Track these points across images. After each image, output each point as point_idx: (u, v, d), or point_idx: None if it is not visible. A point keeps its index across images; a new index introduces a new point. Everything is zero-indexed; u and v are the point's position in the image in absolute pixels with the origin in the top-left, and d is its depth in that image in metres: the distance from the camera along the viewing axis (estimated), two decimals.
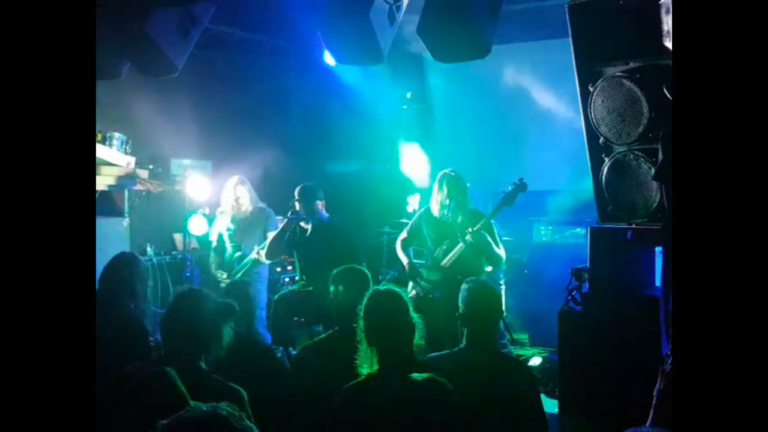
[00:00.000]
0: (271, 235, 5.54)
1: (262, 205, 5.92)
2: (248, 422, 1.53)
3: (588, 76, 4.03)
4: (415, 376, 2.43)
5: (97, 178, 5.76)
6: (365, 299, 2.71)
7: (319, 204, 5.42)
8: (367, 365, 2.57)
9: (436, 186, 4.92)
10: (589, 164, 4.17)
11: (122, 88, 6.16)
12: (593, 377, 3.92)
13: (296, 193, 5.42)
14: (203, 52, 7.22)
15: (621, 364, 3.79)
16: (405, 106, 8.01)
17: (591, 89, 4.00)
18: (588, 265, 4.15)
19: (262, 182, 7.10)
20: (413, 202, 7.24)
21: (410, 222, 5.25)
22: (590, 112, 4.04)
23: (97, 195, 5.90)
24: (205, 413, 1.51)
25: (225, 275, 5.63)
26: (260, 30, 7.57)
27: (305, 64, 7.95)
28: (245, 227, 5.79)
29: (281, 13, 6.81)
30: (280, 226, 5.42)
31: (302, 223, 5.42)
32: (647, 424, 2.26)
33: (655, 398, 2.36)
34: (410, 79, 7.88)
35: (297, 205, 5.36)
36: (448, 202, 4.77)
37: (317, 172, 7.45)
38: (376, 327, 2.60)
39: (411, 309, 2.69)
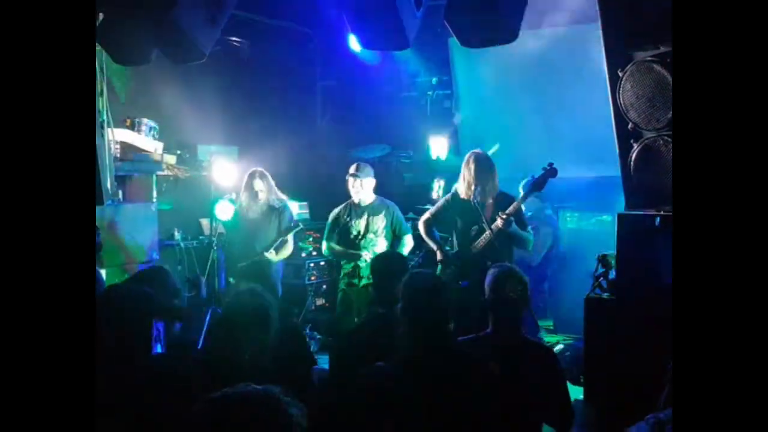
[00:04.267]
0: (289, 237, 5.55)
1: (279, 200, 5.76)
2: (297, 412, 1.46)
3: (617, 61, 3.97)
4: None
5: (126, 164, 5.83)
6: (404, 281, 2.75)
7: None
8: (404, 345, 2.61)
9: (463, 167, 4.90)
10: (617, 150, 4.13)
11: (150, 75, 6.22)
12: (619, 365, 3.90)
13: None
14: (229, 38, 7.28)
15: (647, 351, 3.76)
16: (430, 92, 7.97)
17: (620, 74, 3.95)
18: (615, 251, 4.11)
19: (287, 168, 7.13)
20: (438, 189, 7.22)
21: (437, 204, 5.23)
22: (619, 98, 3.98)
23: (126, 180, 5.98)
24: (258, 390, 1.45)
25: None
26: (285, 16, 7.58)
27: (330, 50, 7.94)
28: (253, 223, 5.64)
29: None
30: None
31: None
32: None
33: (666, 387, 2.35)
34: (436, 64, 7.83)
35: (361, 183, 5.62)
36: (475, 183, 4.74)
37: (342, 157, 7.45)
38: (415, 308, 2.63)
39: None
